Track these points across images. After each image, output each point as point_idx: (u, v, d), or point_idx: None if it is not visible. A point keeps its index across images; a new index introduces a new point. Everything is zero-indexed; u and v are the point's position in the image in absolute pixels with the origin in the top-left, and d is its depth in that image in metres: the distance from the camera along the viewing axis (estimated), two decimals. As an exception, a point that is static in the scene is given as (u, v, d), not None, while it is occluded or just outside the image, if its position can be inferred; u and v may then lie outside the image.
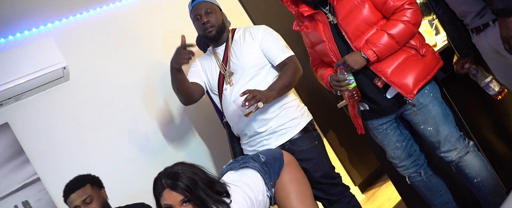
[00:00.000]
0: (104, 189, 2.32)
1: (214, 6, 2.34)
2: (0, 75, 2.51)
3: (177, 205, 1.66)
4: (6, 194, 2.56)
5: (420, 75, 1.88)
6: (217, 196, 1.69)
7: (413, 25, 1.86)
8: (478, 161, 1.94)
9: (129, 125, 2.97)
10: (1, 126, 2.63)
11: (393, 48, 1.87)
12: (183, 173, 1.68)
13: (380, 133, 2.09)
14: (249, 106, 2.01)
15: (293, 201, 1.90)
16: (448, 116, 1.94)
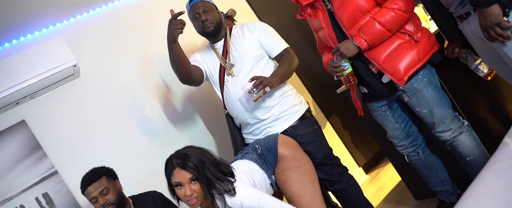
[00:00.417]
0: (119, 180, 2.43)
1: (210, 4, 2.46)
2: (15, 76, 2.64)
3: (186, 183, 1.80)
4: (27, 187, 2.71)
5: (412, 62, 1.94)
6: (222, 176, 1.83)
7: (404, 12, 1.90)
8: (471, 140, 2.02)
9: (138, 118, 3.10)
10: (19, 123, 2.77)
11: (384, 36, 1.93)
12: (192, 155, 1.82)
13: (379, 115, 2.19)
14: (257, 91, 2.16)
15: (293, 185, 2.01)
16: (442, 99, 2.01)
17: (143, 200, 2.40)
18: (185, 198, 1.82)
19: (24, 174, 2.72)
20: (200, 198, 1.82)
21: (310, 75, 3.81)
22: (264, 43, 2.44)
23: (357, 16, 1.96)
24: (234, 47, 2.44)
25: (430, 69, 2.01)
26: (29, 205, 2.67)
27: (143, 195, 2.46)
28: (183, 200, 1.85)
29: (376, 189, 3.38)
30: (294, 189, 1.98)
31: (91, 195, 2.23)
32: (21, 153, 2.74)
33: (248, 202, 1.83)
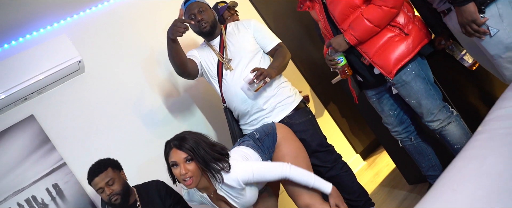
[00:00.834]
0: (123, 171, 2.53)
1: (204, 5, 2.57)
2: (22, 73, 2.75)
3: (182, 162, 1.91)
4: (37, 178, 2.84)
5: (400, 56, 2.00)
6: (218, 155, 1.93)
7: (391, 9, 1.94)
8: (459, 130, 2.10)
9: (140, 111, 3.21)
10: (27, 118, 2.90)
11: (373, 32, 2.00)
12: (188, 137, 1.95)
13: (374, 102, 2.30)
14: (259, 82, 2.31)
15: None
16: (431, 91, 2.08)
17: (147, 189, 2.51)
18: (180, 177, 1.92)
19: (35, 167, 2.85)
20: (195, 178, 1.92)
21: (308, 65, 3.90)
22: (258, 38, 2.58)
23: (348, 11, 2.03)
24: (231, 43, 2.56)
25: (420, 61, 2.07)
26: (40, 195, 2.81)
27: (147, 184, 2.57)
28: (179, 180, 1.95)
29: (373, 174, 3.50)
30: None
31: (98, 186, 2.33)
32: (31, 146, 2.87)
33: (243, 176, 1.94)
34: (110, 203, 2.34)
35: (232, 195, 2.01)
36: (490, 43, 1.73)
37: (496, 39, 1.72)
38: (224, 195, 2.01)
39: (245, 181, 1.96)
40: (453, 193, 1.12)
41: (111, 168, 2.37)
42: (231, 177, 1.94)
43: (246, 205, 2.07)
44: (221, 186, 1.98)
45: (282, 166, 2.00)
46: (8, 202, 2.73)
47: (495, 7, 1.71)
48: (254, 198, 2.08)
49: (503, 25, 1.70)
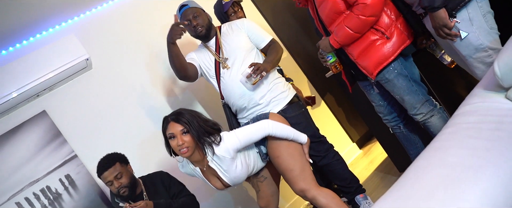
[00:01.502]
0: (130, 164, 2.68)
1: (198, 9, 2.71)
2: (34, 71, 2.93)
3: (178, 134, 2.09)
4: (51, 170, 3.04)
5: (381, 58, 2.15)
6: (210, 129, 2.12)
7: (367, 17, 2.07)
8: (442, 122, 2.24)
9: (145, 105, 3.38)
10: (40, 113, 3.08)
11: (353, 37, 2.16)
12: (185, 112, 2.13)
13: (367, 92, 2.46)
14: (256, 76, 2.48)
15: (285, 160, 2.25)
16: (413, 87, 2.22)
17: (152, 180, 2.68)
18: (177, 148, 2.08)
19: (48, 159, 3.05)
20: (190, 148, 2.09)
21: (305, 58, 4.05)
22: (252, 37, 2.72)
23: (333, 16, 2.19)
24: (226, 43, 2.70)
25: (403, 61, 2.21)
26: (54, 185, 3.01)
27: (152, 175, 2.74)
28: (176, 150, 2.11)
29: (367, 162, 3.67)
30: (286, 164, 2.23)
31: (107, 179, 2.49)
32: (44, 140, 3.06)
33: (231, 145, 2.12)
34: (119, 195, 2.51)
35: (222, 168, 2.17)
36: (462, 44, 1.88)
37: (466, 41, 1.87)
38: (215, 168, 2.17)
39: (234, 148, 2.12)
40: (416, 181, 1.29)
41: (119, 163, 2.51)
42: (222, 148, 2.12)
43: (235, 180, 2.22)
44: (213, 159, 2.15)
45: (263, 125, 2.19)
46: (25, 192, 2.93)
47: (466, 11, 1.85)
48: (243, 175, 2.22)
49: (473, 28, 1.85)
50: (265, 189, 2.44)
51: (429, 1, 1.82)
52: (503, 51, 1.46)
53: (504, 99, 1.45)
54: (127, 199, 2.50)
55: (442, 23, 1.84)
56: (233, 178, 2.21)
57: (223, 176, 2.20)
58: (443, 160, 1.33)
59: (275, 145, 2.29)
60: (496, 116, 1.40)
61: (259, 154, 2.32)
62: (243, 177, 2.25)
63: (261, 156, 2.33)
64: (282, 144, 2.28)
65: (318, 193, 2.17)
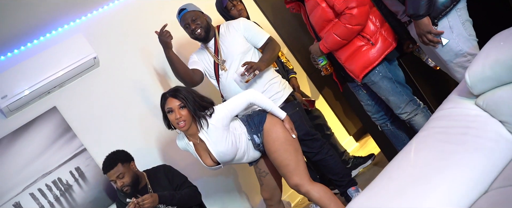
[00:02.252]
0: (133, 161, 2.79)
1: (197, 13, 2.81)
2: (45, 70, 3.10)
3: (176, 108, 2.28)
4: (62, 163, 3.22)
5: (366, 63, 2.35)
6: (205, 104, 2.33)
7: (354, 26, 2.27)
8: (425, 120, 2.37)
9: (149, 101, 3.54)
10: (51, 109, 3.26)
11: (341, 44, 2.34)
12: (181, 89, 2.33)
13: (356, 92, 2.64)
14: (249, 74, 2.59)
15: (281, 155, 2.38)
16: (397, 88, 2.40)
17: (155, 173, 2.84)
18: (175, 121, 2.28)
19: (59, 152, 3.23)
20: (187, 122, 2.28)
21: (304, 54, 4.17)
22: (249, 37, 2.80)
23: (323, 23, 2.36)
24: (223, 45, 2.80)
25: (387, 64, 2.38)
26: (65, 177, 3.20)
27: (155, 168, 2.89)
28: (174, 124, 2.30)
29: (364, 155, 3.82)
30: (282, 159, 2.38)
31: (110, 178, 2.67)
32: (55, 134, 3.24)
33: (223, 117, 2.31)
34: (122, 191, 2.70)
35: (212, 139, 2.32)
36: (443, 50, 2.03)
37: (447, 47, 2.01)
38: (204, 139, 2.33)
39: (223, 116, 2.33)
40: (390, 180, 1.45)
41: (120, 163, 2.66)
42: (213, 118, 2.31)
43: (222, 156, 2.36)
44: (205, 130, 2.33)
45: (246, 94, 2.39)
46: (38, 183, 3.12)
47: (446, 20, 2.00)
48: (229, 152, 2.35)
49: (453, 35, 1.99)
50: (268, 183, 2.59)
51: (414, 9, 1.96)
52: (474, 61, 1.60)
53: (474, 105, 1.59)
54: (130, 195, 2.68)
55: (426, 30, 1.98)
56: (220, 152, 2.34)
57: (211, 148, 2.34)
58: (415, 161, 1.49)
59: (271, 140, 2.41)
60: (464, 121, 1.54)
61: (251, 142, 2.44)
62: (230, 155, 2.37)
63: (254, 145, 2.45)
64: (278, 139, 2.40)
65: (311, 188, 2.32)
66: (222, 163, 2.42)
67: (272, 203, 2.61)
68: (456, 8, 2.00)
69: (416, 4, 1.94)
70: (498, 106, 1.49)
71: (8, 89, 3.01)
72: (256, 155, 2.51)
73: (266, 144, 2.45)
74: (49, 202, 3.12)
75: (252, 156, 2.50)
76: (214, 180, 3.62)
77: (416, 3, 1.94)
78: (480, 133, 1.48)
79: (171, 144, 3.52)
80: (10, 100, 3.00)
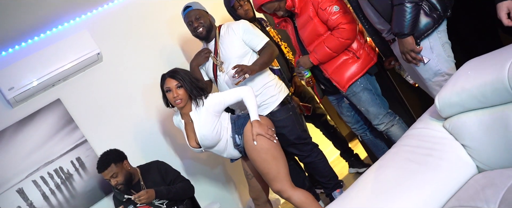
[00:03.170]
0: (126, 160, 2.89)
1: (201, 11, 2.90)
2: (51, 64, 3.25)
3: (173, 88, 2.49)
4: (63, 152, 3.38)
5: (352, 74, 2.52)
6: (200, 85, 2.53)
7: (346, 40, 2.46)
8: (401, 131, 2.57)
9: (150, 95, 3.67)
10: (55, 101, 3.40)
11: (331, 56, 2.51)
12: (179, 70, 2.53)
13: (335, 105, 2.80)
14: (238, 77, 2.68)
15: (260, 164, 2.51)
16: (376, 100, 2.57)
17: (149, 169, 2.97)
18: (173, 99, 2.49)
19: (61, 143, 3.39)
20: (184, 100, 2.50)
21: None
22: (247, 41, 2.87)
23: (313, 37, 2.52)
24: (222, 47, 2.89)
25: (369, 77, 2.56)
26: (66, 166, 3.36)
27: (148, 164, 3.03)
28: (172, 102, 2.52)
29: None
30: (261, 168, 2.52)
31: (105, 177, 2.81)
32: (58, 125, 3.39)
33: (216, 103, 2.52)
34: (117, 189, 2.85)
35: (200, 121, 2.50)
36: (423, 69, 2.16)
37: (427, 66, 2.14)
38: (193, 119, 2.52)
39: (217, 103, 2.53)
40: (356, 194, 1.59)
41: (113, 164, 2.78)
42: (208, 103, 2.51)
43: (203, 139, 2.53)
44: (196, 110, 2.51)
45: (241, 89, 2.57)
46: (40, 171, 3.29)
47: (428, 41, 2.13)
48: (210, 137, 2.51)
49: (433, 55, 2.12)
50: (254, 185, 2.75)
51: (399, 28, 2.08)
52: (444, 86, 1.72)
53: (441, 127, 1.72)
54: (124, 192, 2.83)
55: (410, 48, 2.11)
56: (202, 135, 2.51)
57: (197, 129, 2.52)
58: (381, 177, 1.62)
59: (250, 148, 2.53)
60: (430, 142, 1.67)
61: (232, 140, 2.59)
62: (210, 140, 2.53)
63: (234, 143, 2.59)
64: (255, 149, 2.51)
65: (293, 194, 2.46)
66: (203, 146, 2.58)
67: (258, 203, 2.77)
68: (437, 31, 2.12)
69: (401, 23, 2.06)
70: (461, 131, 1.62)
71: (15, 81, 3.15)
72: (235, 153, 2.65)
73: (245, 149, 2.58)
74: (50, 189, 3.29)
75: (232, 153, 2.65)
76: (206, 174, 3.77)
77: (401, 23, 2.06)
78: (443, 155, 1.61)
79: (170, 138, 3.69)
80: (17, 92, 3.15)
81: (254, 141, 2.48)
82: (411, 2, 2.00)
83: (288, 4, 2.51)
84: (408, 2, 2.00)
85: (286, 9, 2.54)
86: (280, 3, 2.53)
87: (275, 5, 2.54)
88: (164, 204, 2.84)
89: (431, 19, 2.08)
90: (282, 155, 2.58)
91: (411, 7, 2.01)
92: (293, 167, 3.16)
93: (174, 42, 3.86)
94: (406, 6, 2.01)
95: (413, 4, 2.01)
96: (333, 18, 2.44)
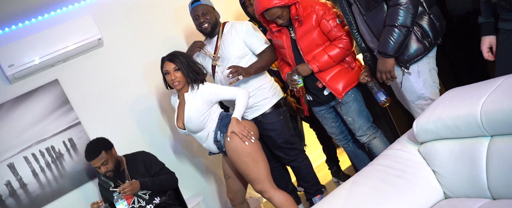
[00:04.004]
0: (113, 147, 2.94)
1: (208, 7, 2.94)
2: (52, 45, 3.31)
3: (171, 70, 2.62)
4: (56, 132, 3.45)
5: (347, 82, 2.62)
6: (196, 69, 2.66)
7: (346, 50, 2.59)
8: (382, 144, 2.69)
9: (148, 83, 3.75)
10: (53, 81, 3.47)
11: (330, 65, 2.60)
12: (178, 54, 2.66)
13: (320, 116, 2.87)
14: (232, 77, 2.74)
15: (240, 166, 2.61)
16: (363, 112, 2.69)
17: (134, 159, 3.02)
18: (171, 81, 2.63)
19: (55, 122, 3.46)
20: (181, 82, 2.63)
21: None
22: (248, 43, 2.92)
23: (313, 46, 2.61)
24: (223, 45, 2.95)
25: (357, 89, 2.68)
26: (58, 146, 3.43)
27: (134, 154, 3.08)
28: (171, 84, 2.65)
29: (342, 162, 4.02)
30: (242, 170, 2.62)
31: (94, 165, 2.84)
32: (54, 105, 3.46)
33: (212, 92, 2.64)
34: (106, 176, 2.92)
35: (192, 104, 2.62)
36: (408, 90, 2.24)
37: (412, 89, 2.22)
38: (187, 100, 2.64)
39: (213, 92, 2.65)
40: (327, 206, 1.67)
41: (104, 151, 2.82)
42: (205, 89, 2.64)
43: (188, 121, 2.65)
44: (191, 93, 2.63)
45: (238, 90, 2.68)
46: (32, 148, 3.36)
47: (416, 66, 2.22)
48: (195, 121, 2.63)
49: (419, 80, 2.20)
50: (231, 185, 2.84)
51: (384, 48, 2.16)
52: (423, 112, 1.80)
53: (416, 151, 1.80)
54: (112, 179, 2.91)
55: (388, 69, 2.19)
56: (189, 117, 2.64)
57: (186, 110, 2.64)
58: (353, 194, 1.71)
59: (230, 148, 2.62)
60: (404, 165, 1.76)
61: (214, 135, 2.68)
62: (194, 125, 2.65)
63: (214, 138, 2.68)
64: (235, 150, 2.61)
65: (274, 195, 2.56)
66: (187, 128, 2.70)
67: (235, 203, 2.86)
68: (427, 56, 2.20)
69: (387, 44, 2.14)
70: (433, 157, 1.70)
71: (15, 59, 3.22)
72: (213, 148, 2.74)
73: (226, 150, 2.66)
74: (40, 167, 3.37)
75: (210, 146, 2.74)
76: (193, 167, 3.86)
77: (388, 43, 2.14)
78: (413, 178, 1.69)
79: (162, 129, 3.76)
80: (16, 69, 3.21)
81: (227, 138, 2.60)
82: (404, 27, 2.08)
83: (293, 12, 2.57)
84: (401, 26, 2.07)
85: (287, 18, 2.60)
86: (283, 10, 2.57)
87: (278, 12, 2.56)
88: (147, 194, 2.92)
89: (422, 46, 2.16)
90: (264, 157, 2.66)
91: (402, 30, 2.09)
92: (278, 168, 3.24)
93: (178, 33, 3.90)
94: (397, 29, 2.09)
95: (405, 29, 2.08)
96: (335, 29, 2.56)
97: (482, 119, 1.50)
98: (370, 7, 2.20)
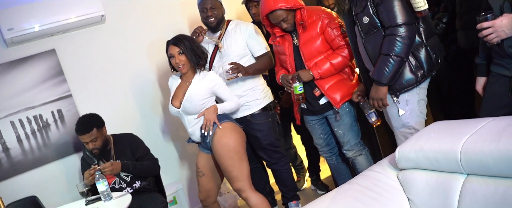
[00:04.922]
0: (105, 126, 2.95)
1: (217, 2, 2.98)
2: (54, 14, 3.31)
3: (176, 54, 2.68)
4: (46, 102, 3.46)
5: (345, 93, 2.65)
6: (199, 53, 2.72)
7: (348, 60, 2.63)
8: (366, 162, 2.74)
9: (145, 65, 3.78)
10: (49, 51, 3.47)
11: (332, 72, 2.63)
12: (182, 37, 2.73)
13: (310, 126, 2.89)
14: (232, 73, 2.80)
15: (225, 161, 2.66)
16: (355, 127, 2.73)
17: (121, 140, 3.05)
18: (176, 65, 2.70)
19: (46, 91, 3.46)
20: (185, 66, 2.69)
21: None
22: (250, 45, 2.99)
23: (315, 53, 2.63)
24: (226, 42, 3.00)
25: (352, 103, 2.70)
26: (46, 116, 3.45)
27: (121, 136, 3.10)
28: (175, 67, 2.72)
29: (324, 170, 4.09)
30: (226, 165, 2.66)
31: (83, 141, 2.86)
32: (47, 74, 3.47)
33: (216, 84, 2.71)
34: (91, 152, 2.95)
35: (196, 87, 2.69)
36: (394, 117, 2.30)
37: (398, 116, 2.27)
38: (193, 82, 2.71)
39: (216, 83, 2.71)
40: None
41: (95, 128, 2.85)
42: (211, 78, 2.72)
43: (186, 104, 2.70)
44: (200, 75, 2.71)
45: (233, 97, 2.79)
46: (20, 114, 3.37)
47: (406, 95, 2.27)
48: (193, 104, 2.68)
49: (407, 109, 2.26)
50: (204, 184, 2.86)
51: (378, 76, 2.21)
52: (407, 140, 1.86)
53: (395, 176, 1.86)
54: (98, 158, 2.94)
55: (380, 97, 2.23)
56: (189, 97, 2.70)
57: (190, 90, 2.70)
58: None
59: (219, 144, 2.67)
60: (381, 188, 1.81)
61: (200, 129, 2.74)
62: (191, 107, 2.70)
63: (201, 128, 2.73)
64: (226, 145, 2.66)
65: (251, 196, 2.62)
66: (182, 107, 2.73)
67: (206, 204, 2.89)
68: (418, 87, 2.25)
69: (382, 73, 2.19)
70: (410, 185, 1.76)
71: (15, 23, 3.21)
72: (197, 135, 2.78)
73: (213, 144, 2.69)
74: (25, 134, 3.38)
75: (195, 132, 2.78)
76: (177, 155, 3.90)
77: (382, 72, 2.19)
78: (388, 203, 1.75)
79: (153, 112, 3.79)
80: (15, 34, 3.21)
81: (219, 126, 2.66)
82: (398, 57, 2.12)
83: (297, 17, 2.59)
84: (395, 56, 2.11)
85: (292, 22, 2.62)
86: (288, 14, 2.58)
87: (283, 15, 2.57)
88: (129, 176, 2.96)
89: (415, 77, 2.21)
90: (247, 159, 2.75)
91: (397, 60, 2.13)
92: (258, 169, 3.29)
93: (183, 20, 3.91)
94: (392, 59, 2.13)
95: (399, 59, 2.12)
96: (339, 38, 2.61)
97: (461, 157, 1.56)
98: (369, 32, 2.24)
